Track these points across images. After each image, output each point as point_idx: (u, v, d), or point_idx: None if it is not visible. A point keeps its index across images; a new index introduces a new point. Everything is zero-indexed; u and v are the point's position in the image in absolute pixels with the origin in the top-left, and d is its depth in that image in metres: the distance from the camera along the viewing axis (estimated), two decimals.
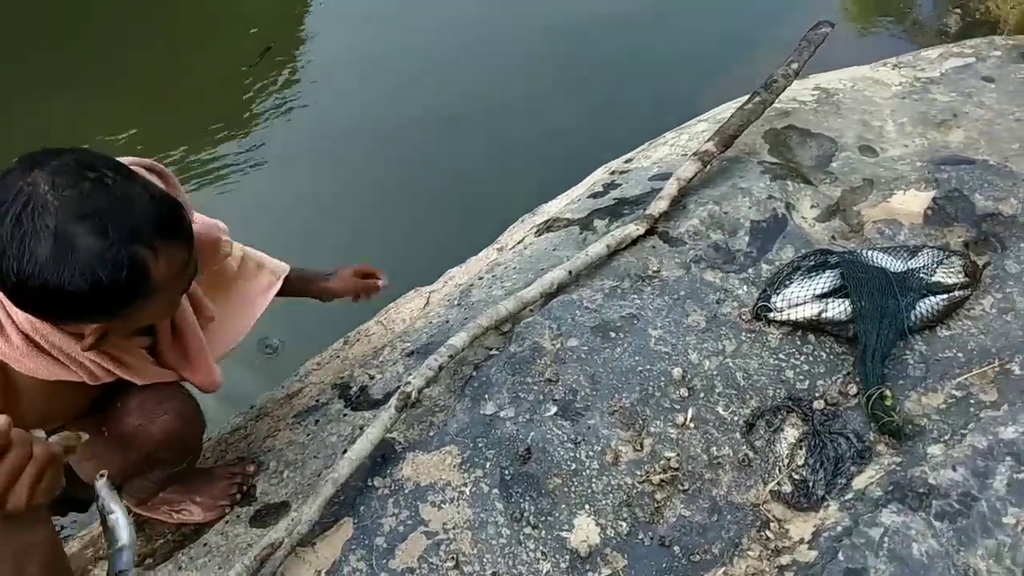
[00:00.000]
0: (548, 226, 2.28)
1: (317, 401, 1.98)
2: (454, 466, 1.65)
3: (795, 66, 2.33)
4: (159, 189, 1.10)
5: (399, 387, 1.70)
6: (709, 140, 2.20)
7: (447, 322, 2.03)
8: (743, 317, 1.92)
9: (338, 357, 2.17)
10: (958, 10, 3.96)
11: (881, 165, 2.31)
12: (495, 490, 1.61)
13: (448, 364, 1.75)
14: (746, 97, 2.33)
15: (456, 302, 2.08)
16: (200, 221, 1.42)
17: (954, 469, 1.63)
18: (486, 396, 1.75)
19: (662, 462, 1.67)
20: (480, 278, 2.13)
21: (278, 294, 1.68)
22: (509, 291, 1.91)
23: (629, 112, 3.41)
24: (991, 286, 1.96)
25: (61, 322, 1.12)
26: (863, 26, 4.28)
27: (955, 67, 2.68)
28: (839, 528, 1.56)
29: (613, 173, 2.49)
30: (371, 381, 1.97)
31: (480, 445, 1.68)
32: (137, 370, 1.37)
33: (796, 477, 1.66)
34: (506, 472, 1.63)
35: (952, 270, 1.86)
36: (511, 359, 1.83)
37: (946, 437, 1.69)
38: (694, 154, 2.20)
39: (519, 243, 2.27)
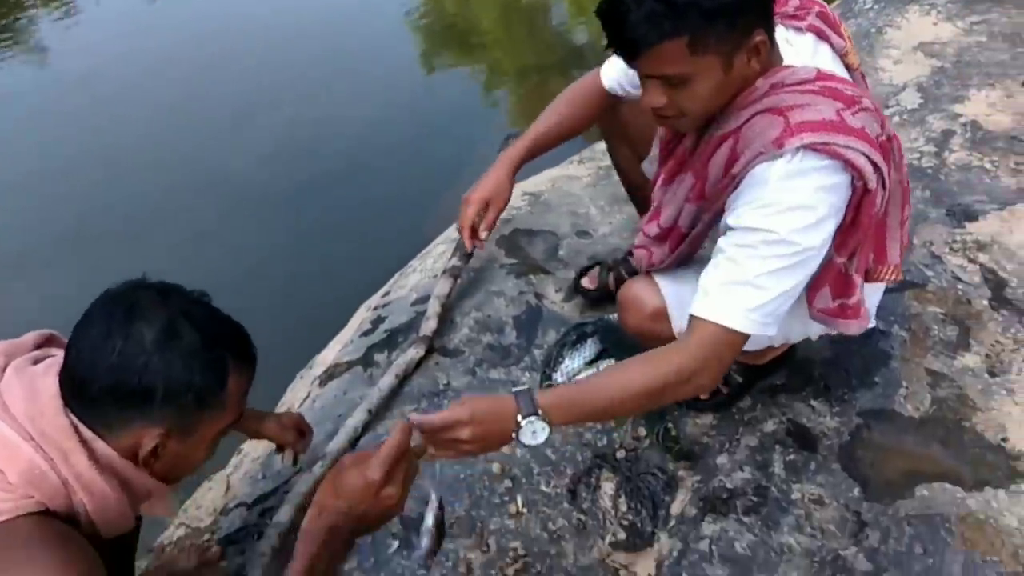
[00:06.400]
0: (330, 374, 2.34)
1: None
2: None
3: None
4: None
5: None
6: (452, 257, 2.38)
7: (260, 499, 2.02)
8: None
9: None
10: None
11: (597, 243, 2.60)
12: None
13: (278, 543, 1.75)
14: None
15: (260, 476, 2.08)
16: None
17: (742, 469, 1.85)
18: None
19: (510, 554, 1.75)
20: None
21: None
22: (312, 449, 1.94)
23: (370, 253, 3.57)
24: None
25: (136, 418, 1.07)
26: None
27: None
28: (675, 553, 1.72)
29: (375, 309, 2.60)
30: None
31: None
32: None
33: (625, 523, 1.80)
34: None
35: None
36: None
37: (727, 446, 1.92)
38: (444, 272, 2.38)
39: (306, 398, 2.31)
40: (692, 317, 1.28)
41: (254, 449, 2.21)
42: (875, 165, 1.31)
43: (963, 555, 1.61)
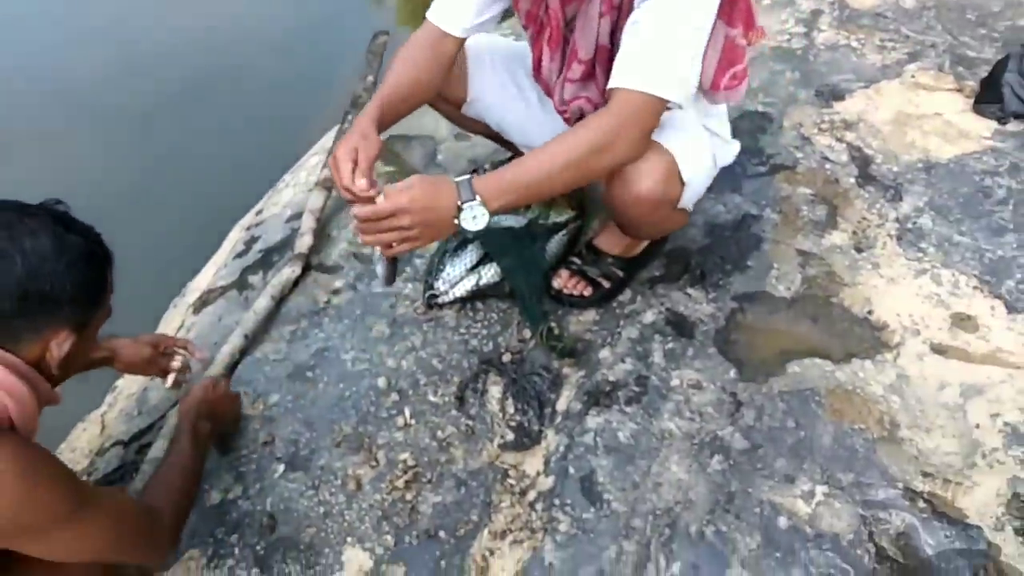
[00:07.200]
0: (204, 300, 2.24)
1: None
2: (201, 569, 1.60)
3: (370, 78, 2.46)
4: None
5: None
6: (325, 167, 2.26)
7: (137, 436, 1.94)
8: (418, 311, 2.04)
9: None
10: None
11: (477, 145, 2.52)
12: (254, 570, 1.59)
13: None
14: (340, 121, 2.43)
15: (136, 412, 1.99)
16: None
17: (623, 361, 1.87)
18: (207, 487, 1.71)
19: (400, 466, 1.73)
20: (152, 379, 2.05)
21: None
22: (190, 380, 1.86)
23: (241, 169, 3.38)
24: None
25: (46, 324, 1.13)
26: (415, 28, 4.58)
27: None
28: (561, 448, 1.73)
29: (249, 228, 2.48)
30: None
31: (220, 536, 1.64)
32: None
33: (513, 424, 1.80)
34: (258, 549, 1.62)
35: (561, 208, 2.10)
36: (218, 440, 1.80)
37: (609, 340, 1.93)
38: (316, 184, 2.26)
39: (180, 327, 2.21)
40: (616, 89, 1.34)
41: (129, 385, 2.11)
42: None
43: (833, 426, 1.67)
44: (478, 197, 1.27)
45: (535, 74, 1.70)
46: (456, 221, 1.28)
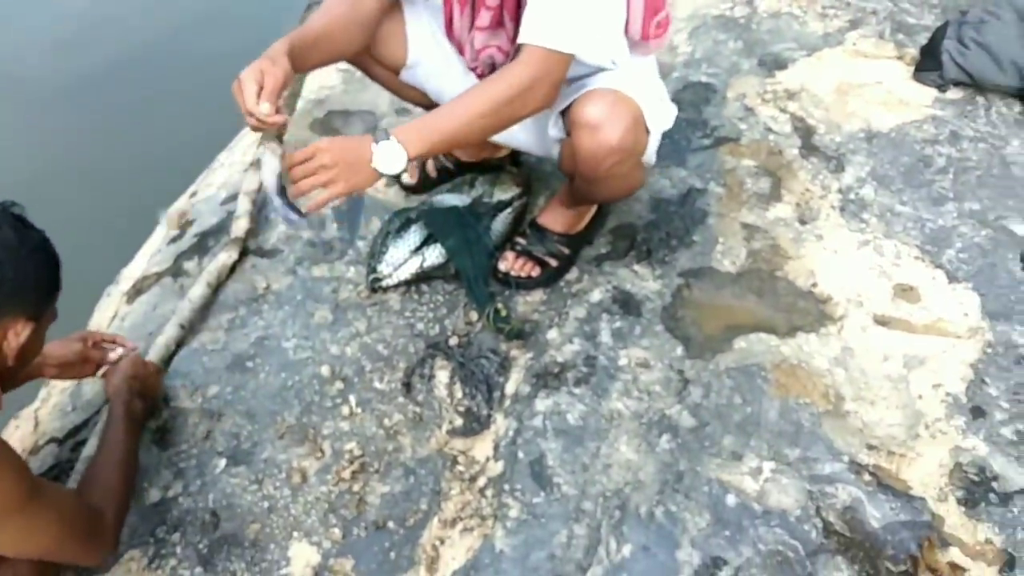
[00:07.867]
0: (138, 289, 2.15)
1: None
2: (142, 570, 1.55)
3: None
4: None
5: None
6: (260, 146, 2.17)
7: (72, 433, 1.87)
8: (362, 295, 1.98)
9: None
10: None
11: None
12: (198, 569, 1.54)
13: None
14: None
15: (70, 408, 1.91)
16: None
17: (571, 342, 1.84)
18: (145, 484, 1.65)
19: (346, 456, 1.69)
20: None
21: None
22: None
23: (174, 149, 3.25)
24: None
25: (6, 312, 1.17)
26: None
27: None
28: (510, 433, 1.70)
29: (183, 213, 2.39)
30: None
31: (161, 535, 1.59)
32: None
33: (461, 409, 1.77)
34: (201, 547, 1.57)
35: (505, 186, 2.05)
36: (155, 435, 1.73)
37: (556, 320, 1.90)
38: (252, 164, 2.18)
39: (114, 317, 2.12)
40: (525, 44, 1.38)
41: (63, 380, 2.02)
42: None
43: (778, 401, 1.68)
44: (393, 138, 1.34)
45: (447, 33, 1.70)
46: (373, 165, 1.35)
